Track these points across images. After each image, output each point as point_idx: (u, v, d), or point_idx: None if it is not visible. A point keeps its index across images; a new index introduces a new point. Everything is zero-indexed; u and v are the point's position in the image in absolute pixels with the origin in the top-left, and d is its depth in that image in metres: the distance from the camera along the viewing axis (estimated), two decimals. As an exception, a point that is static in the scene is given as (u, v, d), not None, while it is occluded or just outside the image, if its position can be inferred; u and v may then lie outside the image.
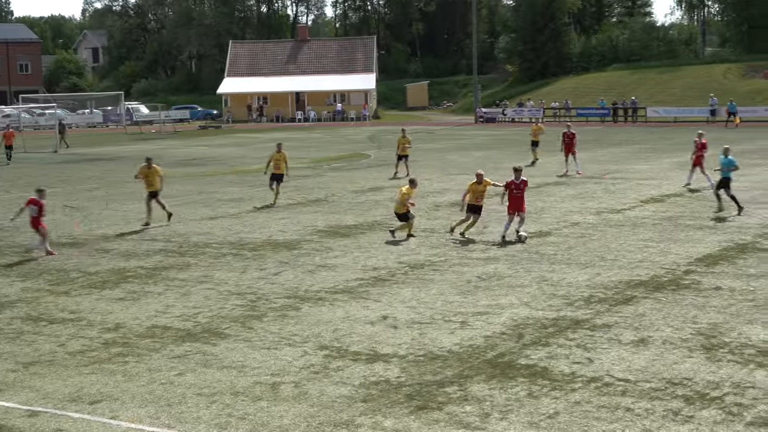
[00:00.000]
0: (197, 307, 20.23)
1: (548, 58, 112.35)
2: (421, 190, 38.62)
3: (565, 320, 18.27)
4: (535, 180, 40.99)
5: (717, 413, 13.23)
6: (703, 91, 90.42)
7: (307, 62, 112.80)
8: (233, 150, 65.03)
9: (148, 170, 32.55)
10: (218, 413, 13.87)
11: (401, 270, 23.35)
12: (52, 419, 13.88)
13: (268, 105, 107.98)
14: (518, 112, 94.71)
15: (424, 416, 13.46)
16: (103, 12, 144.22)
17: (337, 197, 37.51)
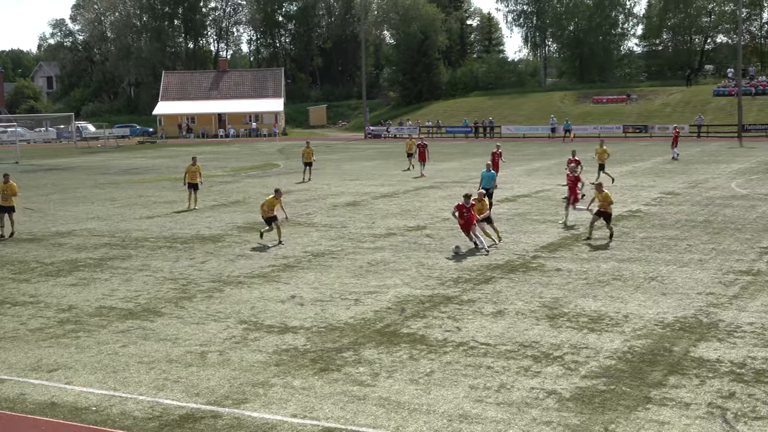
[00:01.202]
0: (138, 291, 19.86)
1: (423, 86, 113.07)
2: (321, 193, 38.62)
3: (439, 297, 18.42)
4: (413, 184, 41.26)
5: (559, 369, 13.47)
6: (545, 113, 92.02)
7: (227, 89, 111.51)
8: (167, 161, 64.00)
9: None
10: (156, 378, 13.64)
11: (306, 258, 23.26)
12: (16, 385, 13.49)
13: (195, 124, 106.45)
14: (399, 130, 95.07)
15: (326, 376, 13.43)
16: (56, 47, 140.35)
17: (253, 199, 37.15)
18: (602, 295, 18.15)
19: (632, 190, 36.70)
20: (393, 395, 12.53)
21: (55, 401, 12.72)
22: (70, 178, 51.06)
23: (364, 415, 11.80)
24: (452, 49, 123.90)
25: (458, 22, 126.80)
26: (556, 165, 50.41)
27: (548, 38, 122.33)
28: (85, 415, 12.13)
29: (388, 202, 34.85)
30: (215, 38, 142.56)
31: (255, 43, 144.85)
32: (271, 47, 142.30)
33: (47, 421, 12.02)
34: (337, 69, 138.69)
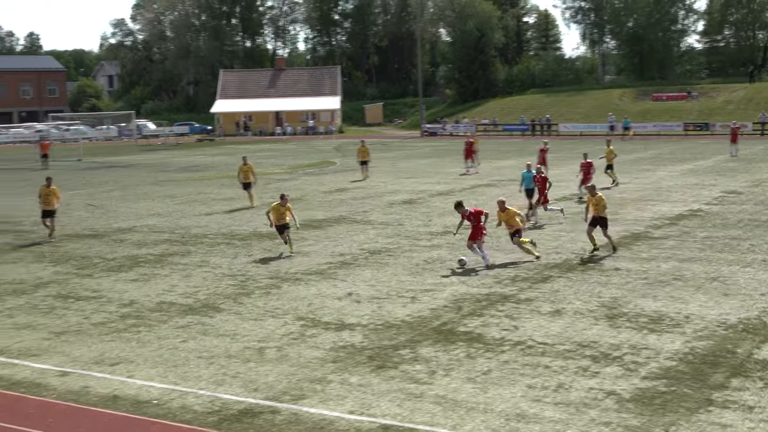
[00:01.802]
0: (197, 286, 20.11)
1: (479, 83, 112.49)
2: (377, 191, 38.67)
3: (496, 295, 18.34)
4: (469, 182, 41.12)
5: (618, 369, 13.33)
6: (603, 111, 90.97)
7: (284, 87, 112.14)
8: (225, 159, 64.61)
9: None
10: (215, 373, 13.80)
11: (363, 255, 23.33)
12: (80, 378, 13.75)
13: (252, 122, 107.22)
14: (455, 128, 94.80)
15: (383, 374, 13.47)
16: (117, 46, 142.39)
17: (310, 197, 37.39)
18: (662, 296, 17.90)
19: (693, 189, 36.15)
20: (450, 393, 12.51)
21: (118, 394, 12.94)
22: (131, 175, 51.84)
23: (420, 413, 11.81)
24: (509, 46, 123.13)
25: (515, 19, 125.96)
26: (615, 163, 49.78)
27: (606, 35, 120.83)
28: (147, 409, 12.31)
29: (444, 200, 34.77)
30: (272, 37, 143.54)
31: (311, 41, 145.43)
32: (328, 45, 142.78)
33: (110, 413, 12.23)
34: (393, 67, 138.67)
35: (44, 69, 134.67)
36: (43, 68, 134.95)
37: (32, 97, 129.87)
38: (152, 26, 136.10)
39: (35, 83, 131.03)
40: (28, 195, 40.80)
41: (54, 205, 27.92)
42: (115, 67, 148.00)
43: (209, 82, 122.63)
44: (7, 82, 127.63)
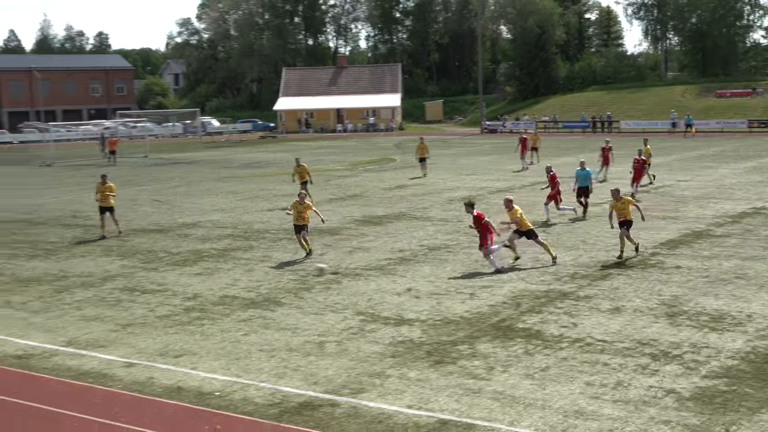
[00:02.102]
0: (259, 281, 20.31)
1: (539, 80, 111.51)
2: (437, 187, 38.61)
3: (554, 292, 18.22)
4: (529, 179, 40.84)
5: (678, 368, 13.15)
6: (665, 107, 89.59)
7: (346, 84, 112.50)
8: (287, 155, 65.05)
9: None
10: (276, 366, 13.93)
11: (422, 251, 23.34)
12: (145, 369, 14.00)
13: (314, 119, 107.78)
14: (515, 125, 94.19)
15: (441, 369, 13.47)
16: (183, 45, 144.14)
17: (370, 193, 37.50)
18: (724, 294, 17.59)
19: (757, 187, 35.43)
20: (508, 389, 12.47)
21: (181, 386, 13.14)
22: (195, 171, 52.51)
23: (478, 409, 11.79)
24: (570, 43, 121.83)
25: (576, 16, 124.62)
26: (676, 161, 49.14)
27: (669, 31, 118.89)
28: (210, 400, 12.49)
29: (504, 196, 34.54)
30: (334, 35, 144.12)
31: (373, 39, 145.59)
32: (389, 43, 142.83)
33: (174, 404, 12.43)
34: (454, 64, 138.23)
35: (113, 68, 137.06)
36: (112, 67, 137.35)
37: (101, 94, 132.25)
38: (217, 25, 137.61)
39: (104, 81, 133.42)
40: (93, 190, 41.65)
41: (111, 202, 27.96)
42: (181, 66, 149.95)
43: (272, 80, 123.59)
44: (77, 80, 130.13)
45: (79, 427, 11.71)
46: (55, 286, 20.57)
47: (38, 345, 15.60)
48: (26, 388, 13.27)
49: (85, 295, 19.44)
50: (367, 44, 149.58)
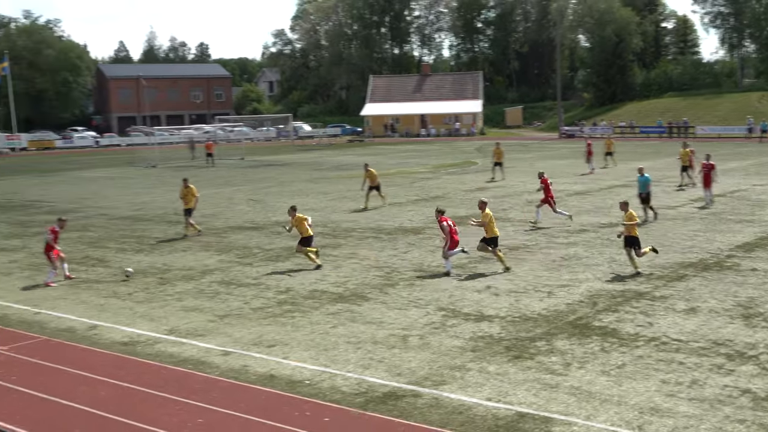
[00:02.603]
0: (346, 276, 20.42)
1: (616, 87, 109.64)
2: (516, 190, 38.26)
3: (631, 292, 17.87)
4: (607, 182, 40.15)
5: (754, 368, 12.76)
6: (741, 114, 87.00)
7: (429, 91, 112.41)
8: (373, 158, 65.27)
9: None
10: (362, 357, 13.99)
11: (501, 251, 23.11)
12: (240, 358, 14.20)
13: (399, 124, 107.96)
14: (593, 130, 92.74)
15: (519, 364, 13.34)
16: (277, 54, 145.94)
17: (452, 194, 37.38)
18: (800, 296, 17.01)
19: (833, 192, 34.19)
20: (584, 385, 12.27)
21: (274, 374, 13.29)
22: (287, 173, 53.11)
23: (556, 403, 11.63)
24: (647, 51, 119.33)
25: (653, 24, 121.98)
26: (752, 165, 47.79)
27: (746, 39, 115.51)
28: (300, 388, 12.60)
29: (582, 199, 34.12)
30: (419, 44, 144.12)
31: (455, 48, 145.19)
32: (471, 52, 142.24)
33: (267, 391, 12.58)
34: (533, 72, 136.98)
35: (212, 76, 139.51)
36: (212, 75, 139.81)
37: (201, 101, 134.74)
38: (309, 36, 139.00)
39: (204, 88, 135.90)
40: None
41: (192, 204, 28.07)
42: (275, 74, 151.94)
43: (360, 87, 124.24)
44: (180, 87, 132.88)
45: (181, 410, 11.94)
46: (158, 278, 21.03)
47: (143, 333, 15.97)
48: (132, 373, 13.59)
49: (186, 288, 19.82)
50: (450, 53, 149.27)
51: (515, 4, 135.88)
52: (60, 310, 17.97)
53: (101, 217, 33.40)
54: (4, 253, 25.55)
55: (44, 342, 15.62)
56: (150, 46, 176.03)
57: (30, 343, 15.57)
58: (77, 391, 12.82)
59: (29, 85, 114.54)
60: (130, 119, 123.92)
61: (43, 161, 75.75)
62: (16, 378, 13.51)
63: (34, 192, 45.06)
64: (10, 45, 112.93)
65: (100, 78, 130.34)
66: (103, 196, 41.83)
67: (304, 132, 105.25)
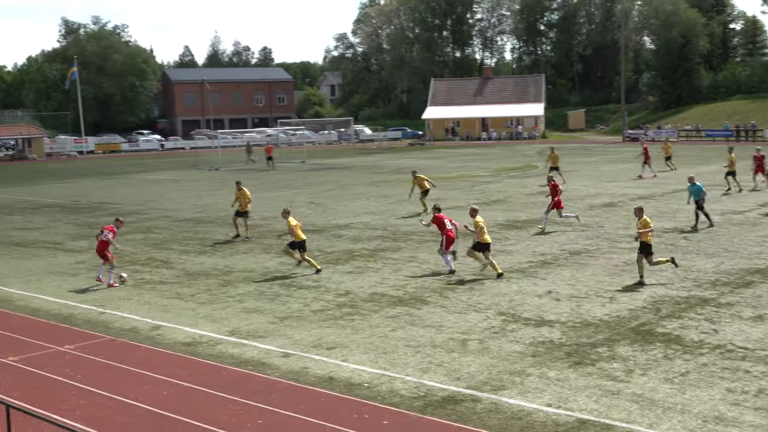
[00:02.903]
0: (406, 280, 20.43)
1: (682, 90, 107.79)
2: (578, 194, 37.82)
3: (695, 299, 17.54)
4: (671, 186, 39.47)
5: (822, 377, 12.43)
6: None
7: (491, 94, 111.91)
8: (434, 162, 65.29)
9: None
10: (421, 360, 13.97)
11: (563, 255, 22.93)
12: (300, 360, 14.30)
13: (460, 127, 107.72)
14: (657, 133, 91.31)
15: (580, 370, 13.19)
16: (339, 58, 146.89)
17: (513, 198, 37.14)
18: None
19: None
20: (647, 392, 12.08)
21: (333, 376, 13.35)
22: (348, 176, 53.33)
23: (617, 410, 11.47)
24: (714, 53, 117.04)
25: (721, 25, 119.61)
26: None
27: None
28: (359, 391, 12.64)
29: (645, 203, 33.48)
30: (480, 47, 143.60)
31: (517, 51, 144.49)
32: (533, 54, 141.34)
33: (326, 393, 12.64)
34: (596, 74, 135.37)
35: (275, 79, 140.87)
36: (274, 79, 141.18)
37: (264, 104, 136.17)
38: (371, 39, 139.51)
39: (267, 92, 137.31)
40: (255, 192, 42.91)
41: (245, 207, 28.32)
42: (337, 77, 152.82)
43: (421, 90, 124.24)
44: (243, 91, 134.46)
45: (241, 411, 12.06)
46: (220, 280, 21.29)
47: (205, 333, 16.19)
48: (194, 374, 13.78)
49: (247, 289, 20.03)
50: (512, 56, 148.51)
51: (579, 6, 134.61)
52: (124, 311, 18.31)
53: (165, 219, 33.96)
54: (71, 254, 26.13)
55: (109, 342, 15.94)
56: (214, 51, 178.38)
57: (95, 342, 15.90)
58: (140, 390, 13.05)
59: (97, 89, 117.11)
60: (194, 123, 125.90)
61: (110, 164, 77.35)
62: (81, 376, 13.81)
63: (101, 194, 46.01)
64: (80, 50, 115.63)
65: (166, 82, 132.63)
66: (167, 198, 42.54)
67: (365, 135, 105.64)
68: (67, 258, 25.45)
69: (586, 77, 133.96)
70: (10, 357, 14.99)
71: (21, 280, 22.28)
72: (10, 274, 23.08)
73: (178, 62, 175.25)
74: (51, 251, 26.84)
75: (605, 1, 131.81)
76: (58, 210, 38.60)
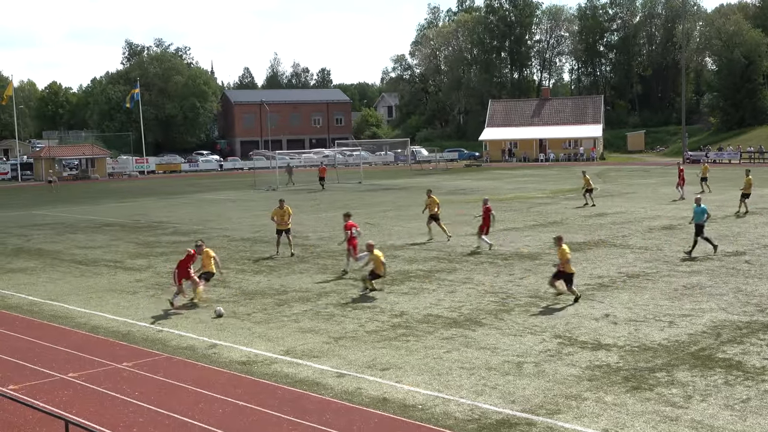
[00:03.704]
0: (461, 301, 20.34)
1: (745, 111, 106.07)
2: (637, 216, 37.32)
3: (757, 324, 17.15)
4: (732, 209, 38.66)
5: None
6: None
7: (548, 116, 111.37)
8: (490, 183, 65.08)
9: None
10: (476, 383, 13.88)
11: (621, 278, 22.62)
12: (354, 380, 14.30)
13: (517, 148, 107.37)
14: (719, 155, 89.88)
15: (638, 395, 12.98)
16: (396, 80, 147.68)
17: (570, 220, 36.80)
18: None
19: None
20: (706, 419, 11.83)
21: (387, 397, 13.33)
22: (405, 197, 53.41)
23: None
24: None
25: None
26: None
27: None
28: (412, 412, 12.59)
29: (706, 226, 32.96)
30: (539, 68, 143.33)
31: (576, 72, 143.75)
32: (592, 75, 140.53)
33: (380, 414, 12.62)
34: (656, 95, 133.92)
35: (332, 101, 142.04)
36: (332, 100, 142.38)
37: (321, 125, 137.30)
38: (428, 61, 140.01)
39: (324, 113, 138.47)
40: (311, 213, 43.17)
41: (288, 224, 28.73)
42: (394, 99, 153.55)
43: (478, 112, 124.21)
44: (302, 112, 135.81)
45: (295, 431, 12.09)
46: (276, 299, 21.44)
47: (260, 353, 16.30)
48: (249, 392, 13.88)
49: (302, 309, 20.14)
50: (571, 77, 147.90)
51: (639, 27, 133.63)
52: (181, 329, 18.54)
53: (223, 238, 34.35)
54: (131, 272, 26.58)
55: (166, 359, 16.14)
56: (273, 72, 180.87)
57: (153, 360, 16.11)
58: (196, 408, 13.18)
59: (159, 110, 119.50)
60: (252, 143, 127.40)
61: (169, 184, 78.63)
62: (138, 394, 14.00)
63: (160, 213, 46.77)
64: (143, 72, 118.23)
65: (226, 103, 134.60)
66: (225, 218, 43.06)
67: (421, 156, 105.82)
68: (126, 276, 25.89)
69: (645, 98, 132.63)
70: (70, 373, 15.27)
71: (82, 297, 22.71)
72: (71, 292, 23.55)
73: (238, 84, 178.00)
74: (111, 269, 27.34)
75: (666, 22, 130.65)
76: (118, 229, 39.32)
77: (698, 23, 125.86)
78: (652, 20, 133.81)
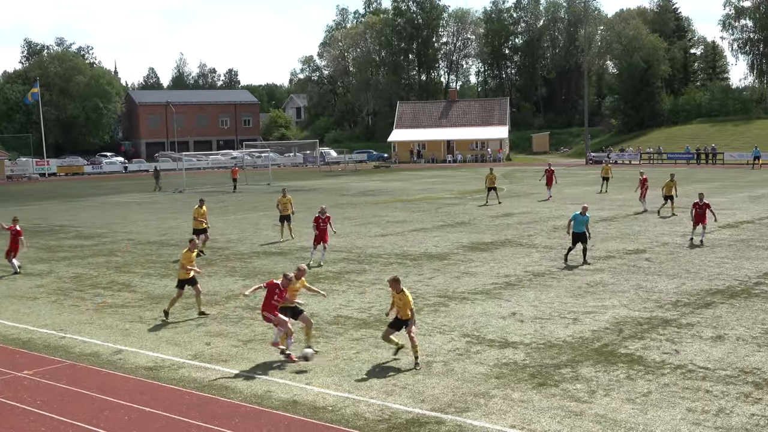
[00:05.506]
0: (371, 302, 20.40)
1: (644, 113, 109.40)
2: (542, 216, 38.10)
3: (657, 319, 17.71)
4: (633, 209, 39.83)
5: (781, 397, 12.58)
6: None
7: (456, 117, 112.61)
8: (399, 184, 65.46)
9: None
10: (386, 383, 13.94)
11: (527, 277, 23.05)
12: (263, 383, 14.20)
13: (425, 150, 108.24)
14: (620, 156, 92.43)
15: (544, 391, 13.24)
16: (305, 81, 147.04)
17: (477, 220, 37.31)
18: (830, 325, 16.76)
19: None
20: (610, 413, 12.15)
21: (297, 399, 13.28)
22: (313, 198, 53.26)
23: (580, 430, 11.53)
24: (675, 77, 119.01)
25: (681, 50, 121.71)
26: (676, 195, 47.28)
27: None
28: (323, 414, 12.57)
29: (608, 225, 33.93)
30: (446, 70, 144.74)
31: (483, 74, 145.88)
32: (498, 78, 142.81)
33: (290, 417, 12.56)
34: (560, 98, 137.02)
35: (240, 102, 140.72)
36: (239, 101, 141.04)
37: (229, 127, 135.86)
38: (337, 62, 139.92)
39: (232, 114, 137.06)
40: (219, 215, 42.67)
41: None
42: (303, 100, 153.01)
43: (387, 113, 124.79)
44: (209, 113, 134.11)
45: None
46: (183, 303, 21.07)
47: (167, 357, 16.03)
48: (156, 398, 13.63)
49: (211, 312, 19.87)
50: (477, 79, 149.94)
51: (543, 31, 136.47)
52: (85, 335, 18.09)
53: (128, 242, 33.66)
54: (31, 278, 25.79)
55: (69, 366, 15.72)
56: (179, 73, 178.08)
57: (55, 367, 15.67)
58: (101, 416, 12.88)
59: (60, 111, 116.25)
60: (158, 145, 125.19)
61: (72, 186, 76.62)
62: (40, 402, 13.60)
63: (62, 217, 45.53)
64: (43, 72, 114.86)
65: (130, 104, 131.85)
66: (130, 221, 42.19)
67: (330, 158, 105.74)
68: (26, 282, 25.11)
69: (550, 100, 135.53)
70: (-33, 382, 14.73)
71: (-20, 304, 21.91)
72: (-32, 298, 22.70)
73: (143, 84, 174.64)
74: (10, 274, 26.46)
75: (569, 26, 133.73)
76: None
77: (599, 27, 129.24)
78: (555, 24, 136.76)
